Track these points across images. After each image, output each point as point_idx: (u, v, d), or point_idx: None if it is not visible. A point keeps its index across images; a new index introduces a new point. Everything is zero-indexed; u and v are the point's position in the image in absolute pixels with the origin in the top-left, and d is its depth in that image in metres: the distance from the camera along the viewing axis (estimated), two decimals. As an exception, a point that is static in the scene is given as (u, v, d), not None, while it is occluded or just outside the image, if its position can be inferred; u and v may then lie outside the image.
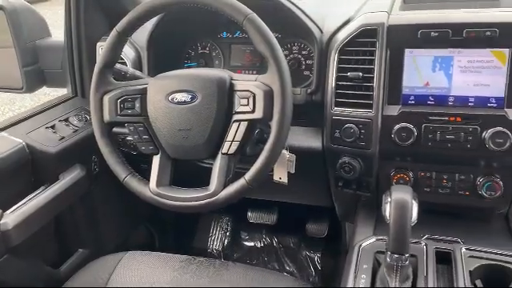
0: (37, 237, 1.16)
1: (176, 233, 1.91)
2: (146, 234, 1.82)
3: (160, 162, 1.01)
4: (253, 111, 0.92)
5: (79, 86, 1.44)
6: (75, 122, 1.34)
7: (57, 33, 1.46)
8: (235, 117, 0.95)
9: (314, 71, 1.18)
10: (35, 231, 1.14)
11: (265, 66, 0.93)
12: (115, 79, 1.05)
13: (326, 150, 1.16)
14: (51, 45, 1.41)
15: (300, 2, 1.19)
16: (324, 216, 1.82)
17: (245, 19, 0.91)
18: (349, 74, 1.07)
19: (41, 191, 1.19)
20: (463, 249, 0.95)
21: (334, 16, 1.20)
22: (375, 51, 1.04)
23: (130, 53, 1.31)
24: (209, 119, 0.95)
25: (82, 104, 1.42)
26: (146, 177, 1.02)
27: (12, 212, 1.09)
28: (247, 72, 1.36)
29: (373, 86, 1.05)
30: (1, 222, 1.05)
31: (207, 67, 1.37)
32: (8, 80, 1.35)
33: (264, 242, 1.93)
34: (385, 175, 1.11)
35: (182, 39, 1.39)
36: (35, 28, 1.37)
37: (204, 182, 0.97)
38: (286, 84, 0.91)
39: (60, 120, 1.32)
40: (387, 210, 0.84)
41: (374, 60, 1.04)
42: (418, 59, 1.03)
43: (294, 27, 1.20)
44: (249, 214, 1.88)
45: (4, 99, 4.49)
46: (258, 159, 0.93)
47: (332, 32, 1.15)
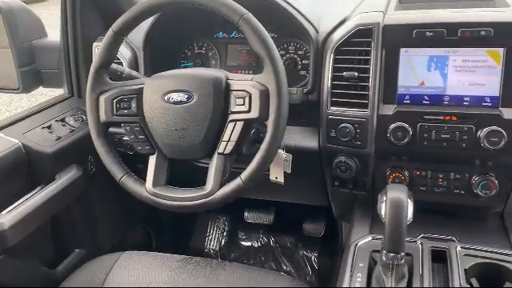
0: (33, 237, 1.16)
1: (173, 233, 1.91)
2: (143, 234, 1.82)
3: (156, 162, 1.01)
4: (249, 111, 0.93)
5: (75, 86, 1.44)
6: (71, 122, 1.34)
7: (53, 33, 1.46)
8: (231, 116, 0.95)
9: (310, 71, 1.18)
10: (31, 231, 1.14)
11: (261, 66, 0.94)
12: (111, 79, 1.05)
13: (322, 150, 1.16)
14: (47, 45, 1.41)
15: (296, 2, 1.19)
16: (321, 215, 1.82)
17: (240, 19, 0.92)
18: (344, 74, 1.07)
19: (37, 191, 1.18)
20: (458, 247, 0.95)
21: (330, 16, 1.20)
22: (371, 51, 1.05)
23: (127, 53, 1.31)
24: (205, 119, 0.95)
25: (79, 104, 1.42)
26: (143, 177, 1.02)
27: (8, 212, 1.09)
28: (243, 72, 1.36)
29: (368, 86, 1.05)
30: None
31: (204, 67, 1.37)
32: (4, 80, 1.35)
33: (261, 242, 1.93)
34: (380, 174, 1.11)
35: (179, 39, 1.39)
36: (31, 28, 1.37)
37: (200, 182, 0.97)
38: (282, 84, 0.91)
39: (56, 120, 1.32)
40: (383, 209, 0.84)
41: (370, 60, 1.05)
42: (414, 59, 1.03)
43: (290, 27, 1.20)
44: (246, 214, 1.88)
45: (1, 100, 4.48)
46: (254, 159, 0.93)
47: (328, 32, 1.16)
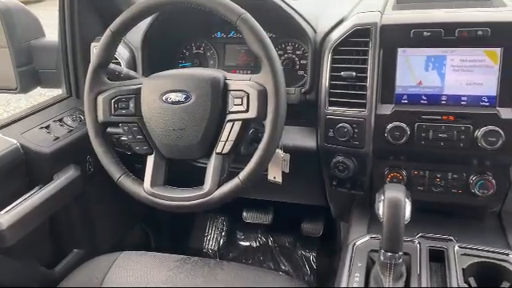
0: (31, 237, 1.16)
1: (171, 233, 1.91)
2: (142, 234, 1.82)
3: (154, 162, 1.01)
4: (247, 111, 0.93)
5: (74, 87, 1.44)
6: (70, 122, 1.34)
7: (49, 32, 1.46)
8: (229, 116, 0.95)
9: (308, 71, 1.18)
10: (30, 231, 1.14)
11: (259, 66, 0.93)
12: (109, 79, 1.05)
13: (320, 150, 1.16)
14: (45, 45, 1.41)
15: (294, 2, 1.19)
16: (319, 215, 1.82)
17: (238, 19, 0.92)
18: (342, 74, 1.07)
19: (35, 191, 1.18)
20: (456, 247, 0.95)
21: (328, 16, 1.20)
22: (368, 51, 1.05)
23: (125, 53, 1.31)
24: (203, 119, 0.95)
25: (77, 104, 1.42)
26: (141, 177, 1.02)
27: (6, 212, 1.09)
28: (242, 72, 1.36)
29: (366, 86, 1.05)
30: None
31: (202, 67, 1.37)
32: (2, 80, 1.35)
33: (259, 242, 1.93)
34: (378, 174, 1.11)
35: (177, 39, 1.39)
36: (29, 28, 1.37)
37: (198, 182, 0.97)
38: (280, 83, 0.91)
39: (54, 120, 1.32)
40: (380, 209, 0.84)
41: (368, 59, 1.05)
42: (411, 58, 1.04)
43: (288, 27, 1.20)
44: (244, 214, 1.88)
45: (-1, 100, 4.48)
46: (252, 159, 0.93)
47: (325, 32, 1.16)
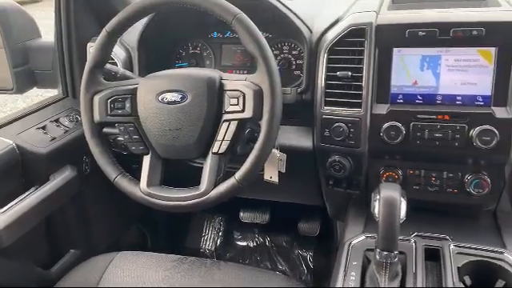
0: (28, 238, 1.16)
1: (168, 233, 1.91)
2: (138, 235, 1.81)
3: (150, 162, 1.01)
4: (242, 111, 0.93)
5: (70, 87, 1.44)
6: (66, 123, 1.34)
7: (45, 33, 1.46)
8: (225, 116, 0.95)
9: (304, 71, 1.18)
10: (26, 232, 1.14)
11: (255, 66, 0.94)
12: (105, 79, 1.05)
13: (317, 149, 1.16)
14: (41, 45, 1.40)
15: (289, 2, 1.20)
16: (316, 215, 1.82)
17: (234, 19, 0.92)
18: (338, 74, 1.07)
19: (31, 192, 1.18)
20: (452, 245, 0.96)
21: (324, 16, 1.21)
22: (364, 51, 1.05)
23: (121, 53, 1.31)
24: (199, 119, 0.95)
25: (73, 104, 1.42)
26: (138, 177, 1.02)
27: (2, 213, 1.09)
28: (238, 72, 1.36)
29: (362, 85, 1.05)
30: None
31: (198, 67, 1.38)
32: (-2, 80, 1.35)
33: (256, 242, 1.94)
34: (374, 173, 1.12)
35: (173, 39, 1.39)
36: (25, 29, 1.37)
37: (195, 182, 0.97)
38: (276, 83, 0.92)
39: (51, 121, 1.32)
40: (376, 208, 0.85)
41: (363, 59, 1.05)
42: (406, 58, 1.04)
43: (284, 27, 1.21)
44: (241, 214, 1.88)
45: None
46: (248, 158, 0.93)
47: (321, 32, 1.16)
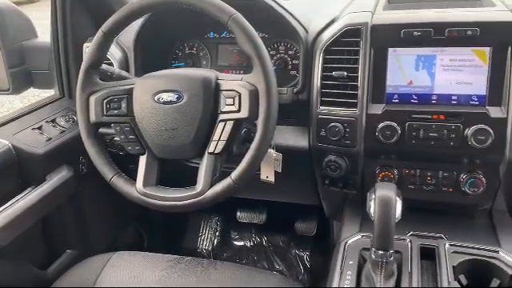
0: (24, 238, 1.16)
1: (165, 233, 1.91)
2: (135, 235, 1.81)
3: (147, 162, 1.01)
4: (238, 111, 0.93)
5: (66, 87, 1.44)
6: (62, 123, 1.34)
7: (42, 33, 1.45)
8: (221, 116, 0.95)
9: (300, 71, 1.19)
10: (22, 232, 1.14)
11: (252, 66, 0.94)
12: (101, 80, 1.05)
13: (313, 149, 1.16)
14: (38, 46, 1.40)
15: (285, 2, 1.20)
16: (313, 214, 1.83)
17: (229, 19, 0.92)
18: (334, 74, 1.08)
19: (28, 192, 1.18)
20: (447, 244, 0.96)
21: (319, 16, 1.21)
22: (359, 51, 1.05)
23: (117, 53, 1.31)
24: (195, 119, 0.96)
25: (69, 105, 1.42)
26: (134, 177, 1.02)
27: (-1, 214, 1.09)
28: (234, 72, 1.36)
29: (357, 85, 1.06)
30: None
31: (195, 67, 1.38)
32: (-6, 81, 1.35)
33: (253, 242, 1.94)
34: (370, 173, 1.12)
35: (169, 39, 1.39)
36: (21, 29, 1.37)
37: (191, 182, 0.98)
38: (271, 83, 0.92)
39: (47, 121, 1.32)
40: (372, 208, 0.85)
41: (359, 59, 1.05)
42: (402, 58, 1.04)
43: (280, 27, 1.21)
44: (238, 214, 1.89)
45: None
46: (244, 158, 0.93)
47: (317, 32, 1.16)
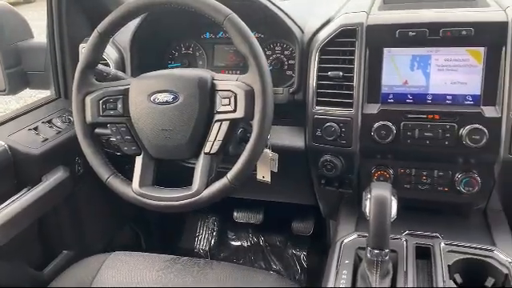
0: (20, 239, 1.15)
1: (162, 233, 1.91)
2: (132, 235, 1.81)
3: (143, 163, 1.01)
4: (234, 111, 0.93)
5: (62, 88, 1.44)
6: (58, 124, 1.34)
7: (38, 34, 1.45)
8: (217, 116, 0.95)
9: (296, 71, 1.19)
10: (18, 233, 1.14)
11: (247, 66, 0.94)
12: (97, 80, 1.05)
13: (308, 149, 1.17)
14: (34, 46, 1.40)
15: (281, 3, 1.20)
16: (309, 214, 1.83)
17: (225, 20, 0.92)
18: (329, 74, 1.08)
19: (24, 193, 1.18)
20: (442, 244, 0.97)
21: (315, 16, 1.21)
22: (355, 51, 1.06)
23: (113, 53, 1.31)
24: (191, 119, 0.96)
25: (66, 105, 1.42)
26: (131, 177, 1.02)
27: (-6, 214, 1.09)
28: (231, 72, 1.36)
29: (353, 85, 1.06)
30: None
31: (191, 67, 1.38)
32: (-10, 82, 1.35)
33: (250, 241, 1.94)
34: (366, 172, 1.12)
35: (166, 40, 1.39)
36: (17, 29, 1.37)
37: (187, 182, 0.98)
38: (267, 83, 0.92)
39: (43, 121, 1.32)
40: (367, 207, 0.85)
41: (354, 59, 1.06)
42: (397, 58, 1.05)
43: (276, 27, 1.21)
44: (235, 214, 1.89)
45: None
46: (240, 158, 0.94)
47: (313, 32, 1.17)
